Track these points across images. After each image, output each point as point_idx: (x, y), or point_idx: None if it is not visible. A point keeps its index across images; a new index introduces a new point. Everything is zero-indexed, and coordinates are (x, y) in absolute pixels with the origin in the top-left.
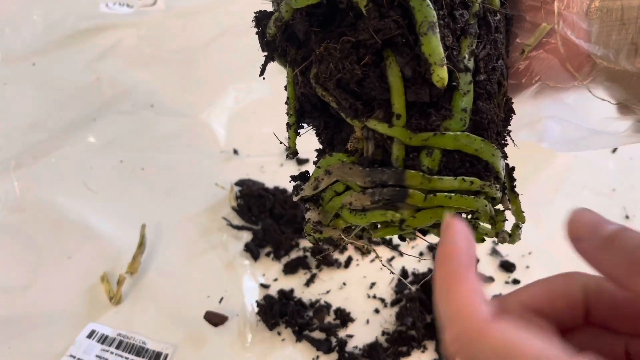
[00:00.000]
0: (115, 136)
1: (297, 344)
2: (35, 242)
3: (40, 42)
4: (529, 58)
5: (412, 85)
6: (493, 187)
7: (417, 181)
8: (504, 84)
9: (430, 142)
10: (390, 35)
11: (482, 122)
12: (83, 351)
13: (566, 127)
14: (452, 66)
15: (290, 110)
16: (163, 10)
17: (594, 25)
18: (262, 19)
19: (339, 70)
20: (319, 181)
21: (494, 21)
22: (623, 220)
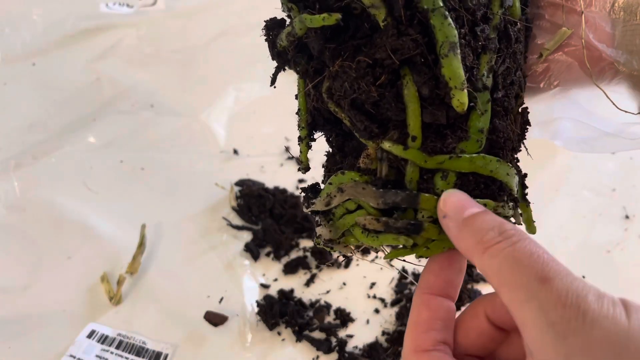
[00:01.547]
0: (115, 136)
1: (297, 344)
2: (35, 242)
3: (40, 42)
4: (547, 61)
5: (429, 106)
6: (506, 207)
7: (431, 205)
8: (521, 96)
9: (446, 165)
10: (408, 55)
11: (499, 141)
12: (83, 351)
13: (580, 128)
14: (472, 87)
15: (302, 123)
16: (163, 10)
17: (617, 27)
18: (272, 27)
19: (354, 90)
20: (331, 198)
21: (514, 32)
22: (623, 220)
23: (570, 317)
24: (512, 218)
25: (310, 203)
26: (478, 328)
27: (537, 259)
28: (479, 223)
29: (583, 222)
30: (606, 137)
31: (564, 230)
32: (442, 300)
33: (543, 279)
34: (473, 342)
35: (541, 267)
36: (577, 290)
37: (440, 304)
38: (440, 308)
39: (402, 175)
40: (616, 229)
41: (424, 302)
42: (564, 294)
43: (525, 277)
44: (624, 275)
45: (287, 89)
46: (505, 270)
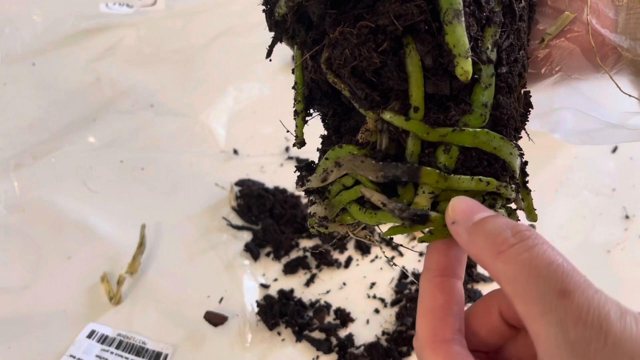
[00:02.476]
0: (115, 136)
1: (297, 344)
2: (35, 242)
3: (40, 42)
4: (549, 46)
5: (432, 76)
6: (509, 188)
7: (433, 179)
8: (524, 76)
9: (449, 139)
10: (412, 21)
11: (502, 118)
12: (83, 351)
13: (581, 119)
14: (476, 58)
15: (298, 97)
16: (163, 10)
17: (621, 13)
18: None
19: (354, 57)
20: (328, 173)
21: (518, 9)
22: (623, 220)
23: (592, 337)
24: (514, 203)
25: (306, 181)
26: (490, 324)
27: (557, 269)
28: (491, 225)
29: (583, 222)
30: (607, 128)
31: (564, 230)
32: (454, 281)
33: (563, 292)
34: (483, 338)
35: (561, 278)
36: (599, 306)
37: (453, 286)
38: (454, 290)
39: (403, 149)
40: (616, 229)
41: (437, 285)
42: (585, 310)
43: (543, 289)
44: (624, 275)
45: (287, 89)
46: (521, 279)
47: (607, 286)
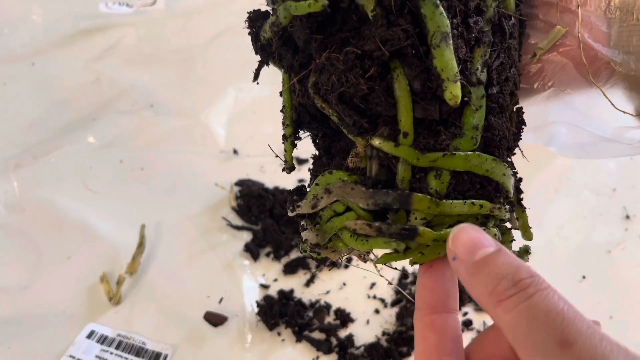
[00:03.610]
0: (115, 136)
1: (297, 344)
2: (35, 242)
3: (40, 42)
4: (541, 61)
5: (421, 101)
6: (502, 209)
7: (425, 205)
8: (516, 94)
9: (439, 163)
10: (399, 46)
11: (494, 139)
12: (83, 351)
13: (575, 133)
14: (465, 81)
15: (286, 121)
16: (163, 10)
17: (614, 27)
18: (255, 19)
19: (341, 83)
20: (318, 199)
21: (508, 27)
22: (623, 220)
23: None
24: (508, 222)
25: (296, 206)
26: (500, 356)
27: (557, 317)
28: (491, 268)
29: (583, 222)
30: (602, 142)
31: (564, 230)
32: (446, 317)
33: (564, 342)
34: None
35: (561, 326)
36: (604, 355)
37: (445, 322)
38: (447, 327)
39: (393, 175)
40: (616, 229)
41: (428, 325)
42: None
43: (543, 338)
44: (624, 275)
45: None
46: (521, 328)
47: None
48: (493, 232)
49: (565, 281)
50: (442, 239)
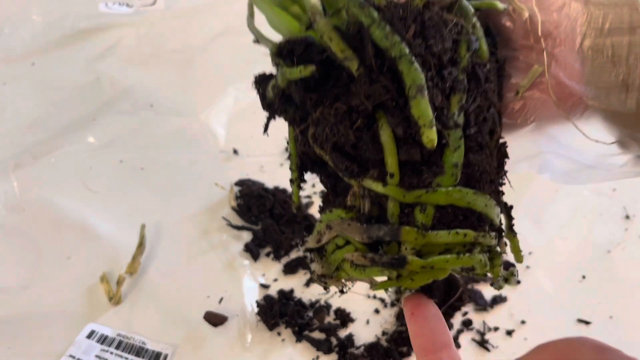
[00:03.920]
0: (115, 136)
1: (297, 344)
2: (35, 242)
3: (40, 42)
4: (523, 98)
5: (404, 145)
6: (487, 237)
7: (412, 237)
8: (496, 131)
9: (423, 199)
10: (380, 100)
11: (474, 174)
12: (83, 351)
13: (562, 161)
14: (442, 125)
15: (292, 166)
16: (163, 10)
17: (586, 65)
18: (261, 82)
19: (334, 134)
20: (321, 235)
21: (483, 73)
22: (623, 220)
23: None
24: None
25: (304, 241)
26: None
27: None
28: None
29: (583, 222)
30: (586, 169)
31: (564, 230)
32: (440, 355)
33: None
34: None
35: None
36: None
37: None
38: None
39: (384, 211)
40: (616, 229)
41: None
42: None
43: None
44: (624, 275)
45: None
46: None
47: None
48: (479, 258)
49: (565, 281)
50: (429, 266)
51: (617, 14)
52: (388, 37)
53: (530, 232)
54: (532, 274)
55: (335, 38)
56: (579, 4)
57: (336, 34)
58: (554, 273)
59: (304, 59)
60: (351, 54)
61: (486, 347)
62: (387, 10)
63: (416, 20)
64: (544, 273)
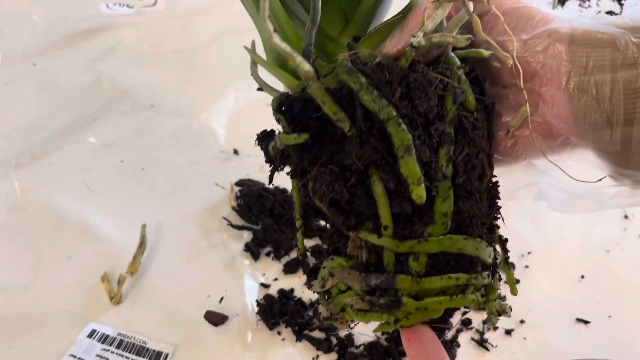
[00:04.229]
0: (116, 136)
1: (297, 343)
2: (35, 242)
3: (41, 42)
4: (515, 136)
5: (396, 198)
6: (479, 277)
7: (407, 284)
8: (486, 175)
9: (416, 249)
10: (370, 161)
11: (464, 220)
12: (84, 351)
13: (557, 192)
14: (431, 179)
15: (297, 215)
16: (163, 11)
17: (572, 103)
18: (263, 139)
19: (330, 191)
20: (325, 281)
21: (470, 122)
22: (622, 220)
23: None
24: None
25: (311, 284)
26: None
27: None
28: None
29: (582, 222)
30: (579, 200)
31: (564, 230)
32: None
33: None
34: None
35: None
36: None
37: None
38: None
39: (381, 259)
40: (615, 229)
41: None
42: None
43: None
44: (623, 275)
45: None
46: None
47: (606, 286)
48: (471, 298)
49: (564, 281)
50: (423, 307)
51: (599, 53)
52: (376, 102)
53: (530, 231)
54: (532, 273)
55: (327, 101)
56: (562, 45)
57: (329, 97)
58: (553, 273)
59: (302, 116)
60: (343, 116)
61: (485, 346)
62: (374, 75)
63: (402, 82)
64: (543, 273)
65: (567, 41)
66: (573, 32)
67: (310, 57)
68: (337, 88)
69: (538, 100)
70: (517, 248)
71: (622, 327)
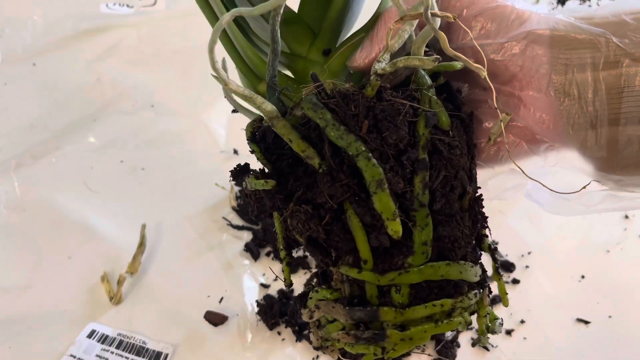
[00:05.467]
0: (116, 136)
1: (297, 343)
2: (35, 242)
3: (41, 42)
4: (497, 143)
5: (373, 231)
6: (465, 299)
7: (391, 316)
8: (468, 191)
9: (397, 281)
10: (342, 199)
11: (446, 246)
12: (83, 351)
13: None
14: (407, 208)
15: (280, 246)
16: (163, 11)
17: (553, 107)
18: (237, 175)
19: (306, 229)
20: (312, 312)
21: (445, 144)
22: (622, 220)
23: None
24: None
25: (300, 313)
26: None
27: None
28: None
29: (582, 222)
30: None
31: (563, 230)
32: None
33: None
34: None
35: None
36: None
37: None
38: None
39: (365, 291)
40: (615, 229)
41: None
42: None
43: None
44: (623, 275)
45: None
46: None
47: (606, 286)
48: (458, 321)
49: (564, 281)
50: (409, 337)
51: (579, 54)
52: (343, 137)
53: (530, 231)
54: (532, 273)
55: (294, 139)
56: (541, 47)
57: (295, 135)
58: (553, 273)
59: (276, 146)
60: (312, 152)
61: (485, 346)
62: (340, 109)
63: (368, 115)
64: (543, 273)
65: (545, 42)
66: (550, 33)
67: (275, 90)
68: (305, 122)
69: (519, 104)
70: (517, 248)
71: (622, 327)
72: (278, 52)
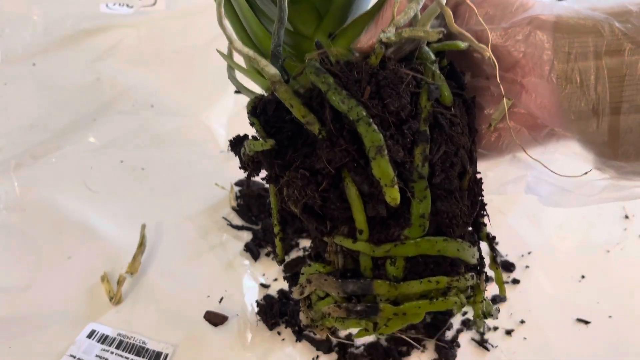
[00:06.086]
0: (116, 136)
1: (297, 343)
2: (35, 242)
3: (41, 42)
4: (498, 129)
5: (371, 201)
6: (462, 279)
7: (385, 290)
8: (467, 172)
9: (392, 253)
10: (340, 164)
11: (444, 221)
12: (83, 351)
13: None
14: (405, 179)
15: (274, 221)
16: (163, 10)
17: (556, 94)
18: (235, 144)
19: (302, 196)
20: (304, 288)
21: (447, 119)
22: (622, 220)
23: None
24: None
25: (291, 291)
26: None
27: None
28: None
29: (582, 222)
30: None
31: (564, 230)
32: None
33: None
34: None
35: None
36: None
37: None
38: None
39: (359, 264)
40: (615, 229)
41: None
42: None
43: None
44: (624, 275)
45: None
46: None
47: (606, 286)
48: (453, 301)
49: (564, 281)
50: (402, 312)
51: (582, 40)
52: (344, 102)
53: (530, 231)
54: (531, 273)
55: (295, 104)
56: (544, 33)
57: (297, 100)
58: (553, 273)
59: (276, 118)
60: (312, 118)
61: (485, 346)
62: (343, 75)
63: (371, 81)
64: (543, 273)
65: (549, 28)
66: (554, 19)
67: (279, 57)
68: (309, 89)
69: (521, 90)
70: (517, 248)
71: (622, 327)
72: (284, 21)
